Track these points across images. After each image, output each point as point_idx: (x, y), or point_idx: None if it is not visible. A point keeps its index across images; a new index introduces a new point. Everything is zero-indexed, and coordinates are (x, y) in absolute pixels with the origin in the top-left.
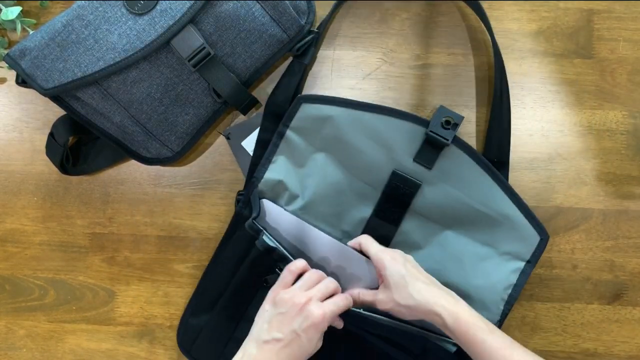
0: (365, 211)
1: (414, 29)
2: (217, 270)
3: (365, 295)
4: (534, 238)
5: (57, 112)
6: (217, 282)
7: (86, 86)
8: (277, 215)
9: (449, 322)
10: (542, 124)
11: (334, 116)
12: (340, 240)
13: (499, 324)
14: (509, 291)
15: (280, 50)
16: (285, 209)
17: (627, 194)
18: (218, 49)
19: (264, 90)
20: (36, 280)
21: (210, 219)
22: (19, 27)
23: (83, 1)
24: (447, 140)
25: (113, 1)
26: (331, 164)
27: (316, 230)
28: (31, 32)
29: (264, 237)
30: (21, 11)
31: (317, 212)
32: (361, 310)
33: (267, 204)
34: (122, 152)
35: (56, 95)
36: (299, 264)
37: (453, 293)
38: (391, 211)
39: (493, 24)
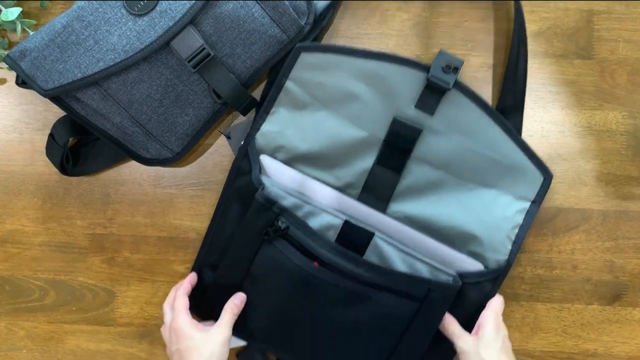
0: (368, 160)
1: (414, 30)
2: (219, 226)
3: (455, 329)
4: (538, 178)
5: (57, 113)
6: (221, 238)
7: (86, 87)
8: (278, 172)
9: None
10: (542, 124)
11: (333, 64)
12: (342, 191)
13: (508, 265)
14: (516, 231)
15: (280, 51)
16: (285, 163)
17: (627, 194)
18: (218, 50)
19: None
20: (36, 281)
21: (211, 219)
22: (19, 28)
23: (83, 2)
24: (448, 84)
25: (113, 2)
26: (331, 114)
27: (320, 184)
28: (31, 33)
29: (267, 189)
30: (21, 12)
31: (318, 163)
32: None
33: (266, 160)
34: (122, 153)
35: (56, 96)
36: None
37: None
38: (394, 158)
39: (487, 23)
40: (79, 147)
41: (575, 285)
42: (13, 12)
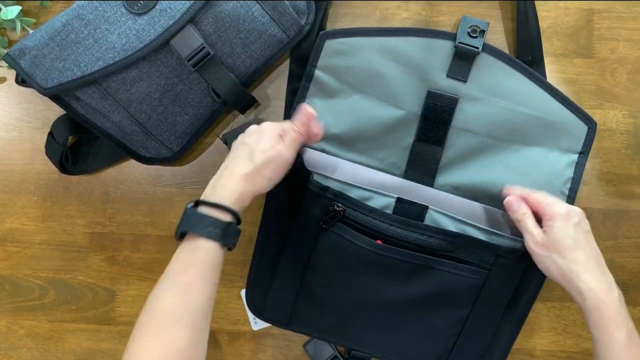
0: (408, 138)
1: None
2: (272, 225)
3: (529, 222)
4: (582, 128)
5: (57, 111)
6: (275, 236)
7: (85, 86)
8: (320, 161)
9: (589, 307)
10: None
11: (359, 47)
12: (385, 171)
13: None
14: (569, 185)
15: (280, 51)
16: (325, 152)
17: (627, 193)
18: (217, 49)
19: (263, 90)
20: (36, 280)
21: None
22: (18, 26)
23: (83, 1)
24: (477, 48)
25: (113, 1)
26: (364, 97)
27: (364, 167)
28: (31, 31)
29: (315, 177)
30: (21, 10)
31: (360, 148)
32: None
33: (306, 150)
34: (122, 151)
35: (56, 95)
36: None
37: (611, 279)
38: (434, 132)
39: (492, 23)
40: (79, 145)
41: None
42: (13, 11)
